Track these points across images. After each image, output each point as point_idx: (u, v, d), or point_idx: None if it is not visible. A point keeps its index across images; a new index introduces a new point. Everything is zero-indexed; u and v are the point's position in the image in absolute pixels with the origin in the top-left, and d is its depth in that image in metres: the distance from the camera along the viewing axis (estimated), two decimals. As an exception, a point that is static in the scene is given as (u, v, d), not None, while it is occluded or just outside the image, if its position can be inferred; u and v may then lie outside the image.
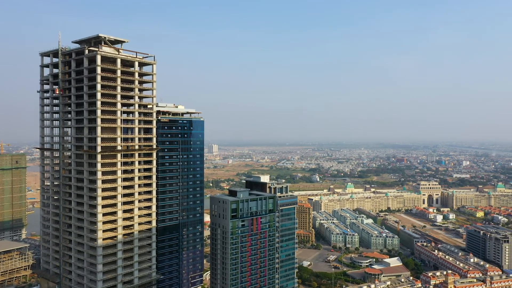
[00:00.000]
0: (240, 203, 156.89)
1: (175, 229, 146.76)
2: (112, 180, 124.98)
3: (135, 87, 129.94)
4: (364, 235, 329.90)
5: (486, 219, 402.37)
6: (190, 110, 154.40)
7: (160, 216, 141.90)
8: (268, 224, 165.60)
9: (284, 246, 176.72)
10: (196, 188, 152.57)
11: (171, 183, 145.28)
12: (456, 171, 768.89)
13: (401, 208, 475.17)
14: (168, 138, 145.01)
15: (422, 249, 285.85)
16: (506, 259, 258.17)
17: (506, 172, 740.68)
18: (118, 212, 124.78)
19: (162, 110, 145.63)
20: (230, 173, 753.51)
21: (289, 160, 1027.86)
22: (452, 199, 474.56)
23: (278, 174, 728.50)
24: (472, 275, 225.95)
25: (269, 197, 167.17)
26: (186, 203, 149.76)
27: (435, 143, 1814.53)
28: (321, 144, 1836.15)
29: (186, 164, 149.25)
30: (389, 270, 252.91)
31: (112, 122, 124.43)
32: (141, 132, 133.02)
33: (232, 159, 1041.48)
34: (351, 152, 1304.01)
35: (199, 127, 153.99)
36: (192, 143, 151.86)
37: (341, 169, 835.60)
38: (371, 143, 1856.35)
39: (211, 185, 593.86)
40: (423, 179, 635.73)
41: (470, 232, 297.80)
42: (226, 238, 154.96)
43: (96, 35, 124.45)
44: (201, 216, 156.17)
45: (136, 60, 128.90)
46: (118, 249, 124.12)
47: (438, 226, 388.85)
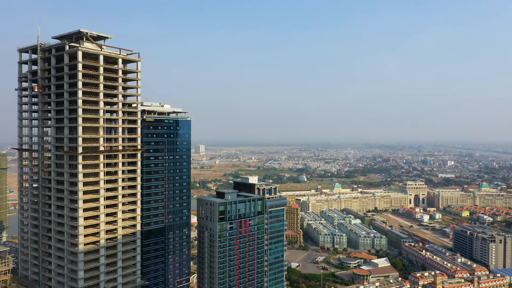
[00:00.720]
0: (228, 205, 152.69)
1: (160, 233, 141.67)
2: (94, 182, 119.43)
3: (119, 85, 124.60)
4: (352, 235, 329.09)
5: (471, 219, 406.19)
6: (177, 109, 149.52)
7: (145, 219, 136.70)
8: (256, 226, 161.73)
9: (273, 248, 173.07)
10: (183, 190, 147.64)
11: (157, 185, 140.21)
12: (441, 171, 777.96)
13: (388, 208, 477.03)
14: (154, 138, 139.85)
15: (410, 249, 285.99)
16: (493, 258, 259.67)
17: (489, 172, 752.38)
18: (101, 216, 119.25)
19: (147, 109, 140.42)
20: (217, 173, 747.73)
21: (276, 160, 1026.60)
22: (438, 199, 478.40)
23: (266, 174, 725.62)
24: (460, 275, 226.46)
25: (258, 199, 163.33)
26: (172, 206, 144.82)
27: (420, 143, 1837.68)
28: (308, 144, 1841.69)
29: (172, 165, 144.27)
30: (378, 271, 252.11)
31: (94, 121, 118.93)
32: (125, 132, 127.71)
33: (219, 159, 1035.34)
34: (338, 152, 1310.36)
35: (185, 127, 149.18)
36: (178, 143, 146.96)
37: (328, 169, 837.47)
38: (357, 143, 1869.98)
39: (198, 186, 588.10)
40: (409, 179, 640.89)
41: (457, 232, 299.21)
42: (213, 241, 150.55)
43: (77, 30, 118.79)
44: (188, 219, 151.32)
45: (119, 57, 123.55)
46: (100, 254, 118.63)
47: (425, 226, 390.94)
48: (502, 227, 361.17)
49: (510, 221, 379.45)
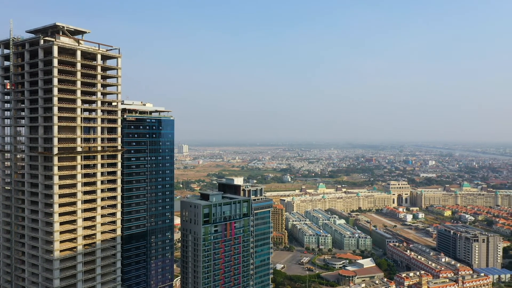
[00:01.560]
0: (213, 207, 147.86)
1: (142, 237, 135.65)
2: (71, 185, 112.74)
3: (98, 82, 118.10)
4: (337, 236, 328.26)
5: (453, 218, 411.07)
6: (159, 108, 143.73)
7: (126, 223, 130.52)
8: (242, 229, 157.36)
9: (259, 251, 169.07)
10: (166, 192, 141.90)
11: (138, 187, 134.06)
12: (423, 171, 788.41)
13: (372, 208, 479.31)
14: (135, 138, 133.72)
15: (395, 249, 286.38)
16: (476, 258, 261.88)
17: (469, 172, 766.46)
18: (78, 221, 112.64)
19: (128, 108, 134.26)
20: (201, 173, 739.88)
21: (260, 160, 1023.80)
22: (421, 199, 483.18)
23: (250, 175, 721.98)
24: (444, 275, 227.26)
25: (243, 201, 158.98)
26: (155, 209, 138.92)
27: (402, 143, 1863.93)
28: (291, 144, 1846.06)
29: (155, 166, 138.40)
30: (363, 272, 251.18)
31: (71, 120, 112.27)
32: (105, 131, 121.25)
33: (203, 159, 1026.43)
34: (321, 152, 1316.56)
35: (168, 127, 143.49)
36: (161, 143, 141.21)
37: (312, 169, 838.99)
38: (340, 143, 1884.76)
39: (181, 186, 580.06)
40: (391, 178, 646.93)
41: (441, 232, 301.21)
42: (198, 245, 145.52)
43: (53, 24, 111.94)
44: (171, 222, 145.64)
45: (98, 52, 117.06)
46: (77, 261, 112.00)
47: (408, 226, 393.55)
48: (483, 226, 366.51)
49: (490, 220, 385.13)
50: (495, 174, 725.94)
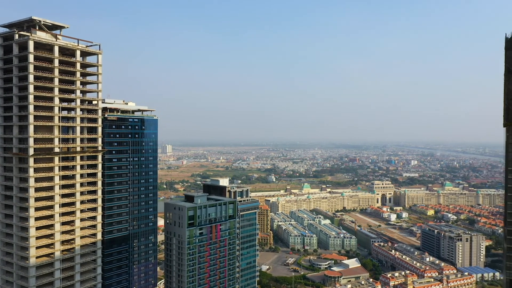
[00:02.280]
0: (198, 210, 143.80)
1: (124, 241, 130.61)
2: (48, 187, 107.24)
3: (77, 80, 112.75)
4: (322, 236, 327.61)
5: (436, 217, 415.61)
6: (142, 107, 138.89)
7: (107, 227, 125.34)
8: (228, 232, 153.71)
9: (245, 253, 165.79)
10: (149, 195, 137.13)
11: (120, 189, 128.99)
12: (406, 170, 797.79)
13: (356, 208, 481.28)
14: (117, 138, 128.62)
15: (379, 249, 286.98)
16: (460, 257, 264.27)
17: (451, 171, 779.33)
18: (56, 225, 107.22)
19: (110, 106, 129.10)
20: (185, 174, 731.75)
21: (245, 161, 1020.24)
22: (404, 198, 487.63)
23: (234, 175, 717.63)
24: (429, 275, 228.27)
25: (229, 202, 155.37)
26: (137, 211, 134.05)
27: (384, 143, 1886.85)
28: (276, 144, 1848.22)
29: (137, 167, 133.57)
30: (349, 272, 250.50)
31: (48, 119, 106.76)
32: (84, 131, 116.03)
33: (187, 159, 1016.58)
34: (305, 152, 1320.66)
35: (152, 126, 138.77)
36: (144, 144, 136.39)
37: (296, 169, 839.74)
38: (324, 143, 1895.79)
39: (164, 187, 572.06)
40: (375, 178, 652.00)
41: (425, 231, 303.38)
42: (182, 248, 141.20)
43: (29, 18, 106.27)
44: (154, 225, 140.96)
45: (77, 48, 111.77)
46: (55, 268, 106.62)
47: (393, 225, 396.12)
48: (465, 225, 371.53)
49: (472, 219, 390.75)
50: (475, 174, 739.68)
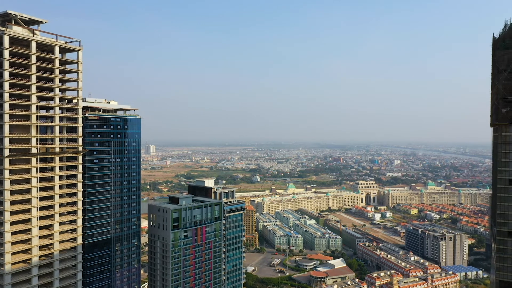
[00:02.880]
0: (183, 211, 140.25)
1: (106, 245, 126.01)
2: (24, 190, 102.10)
3: (55, 77, 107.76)
4: (308, 236, 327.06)
5: (420, 216, 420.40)
6: (125, 106, 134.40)
7: (88, 230, 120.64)
8: (213, 234, 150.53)
9: (231, 256, 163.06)
10: (132, 196, 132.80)
11: (102, 191, 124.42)
12: (389, 170, 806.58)
13: (341, 208, 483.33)
14: (98, 138, 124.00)
15: (365, 249, 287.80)
16: (443, 256, 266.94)
17: (433, 170, 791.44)
18: (33, 230, 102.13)
19: (91, 106, 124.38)
20: (169, 174, 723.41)
21: (229, 161, 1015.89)
22: (388, 198, 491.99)
23: (219, 175, 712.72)
24: (414, 274, 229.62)
25: (215, 204, 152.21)
26: (120, 214, 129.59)
27: (368, 143, 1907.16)
28: (260, 144, 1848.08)
29: (120, 168, 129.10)
30: (334, 272, 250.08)
31: (24, 119, 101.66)
32: (64, 131, 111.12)
33: (171, 159, 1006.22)
34: (290, 152, 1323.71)
35: (135, 126, 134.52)
36: (127, 144, 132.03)
37: (281, 169, 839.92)
38: (308, 143, 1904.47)
39: (148, 188, 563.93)
40: (359, 178, 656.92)
41: (409, 231, 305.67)
42: (166, 251, 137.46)
43: (4, 12, 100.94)
44: (137, 228, 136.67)
45: (56, 44, 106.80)
46: (32, 274, 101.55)
47: (377, 225, 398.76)
48: (448, 224, 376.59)
49: (455, 218, 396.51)
50: (457, 173, 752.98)
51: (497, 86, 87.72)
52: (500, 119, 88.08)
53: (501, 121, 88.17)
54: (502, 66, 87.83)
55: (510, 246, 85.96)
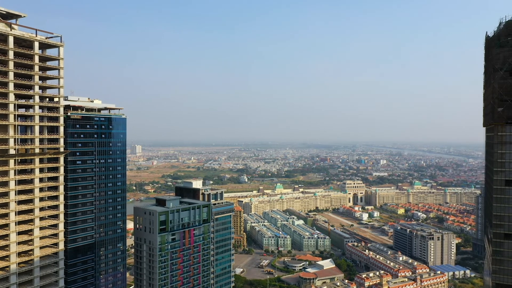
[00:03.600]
0: (170, 214, 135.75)
1: (90, 250, 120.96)
2: (2, 193, 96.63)
3: (35, 74, 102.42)
4: (296, 237, 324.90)
5: (407, 216, 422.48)
6: (109, 105, 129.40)
7: (71, 235, 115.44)
8: (202, 236, 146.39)
9: (220, 258, 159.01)
10: (117, 199, 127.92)
11: (85, 193, 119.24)
12: (375, 170, 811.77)
13: (328, 208, 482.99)
14: (81, 139, 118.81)
15: (353, 249, 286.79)
16: (431, 255, 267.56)
17: (418, 170, 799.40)
18: (11, 235, 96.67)
19: (73, 104, 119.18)
20: (155, 175, 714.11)
21: (216, 161, 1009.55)
22: (375, 197, 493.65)
23: (206, 175, 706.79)
24: (403, 274, 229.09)
25: (203, 206, 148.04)
26: (104, 217, 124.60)
27: (354, 143, 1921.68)
28: (247, 144, 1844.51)
29: (104, 170, 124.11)
30: (323, 273, 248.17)
31: (2, 118, 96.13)
32: (44, 131, 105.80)
33: (157, 160, 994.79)
34: (277, 152, 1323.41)
35: (120, 126, 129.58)
36: (111, 144, 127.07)
37: (268, 169, 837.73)
38: (295, 143, 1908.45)
39: (134, 188, 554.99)
40: (346, 178, 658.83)
41: (397, 231, 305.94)
42: (153, 255, 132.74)
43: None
44: (123, 232, 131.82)
45: (36, 40, 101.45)
46: (11, 282, 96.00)
47: (365, 224, 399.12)
48: (435, 223, 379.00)
49: (441, 217, 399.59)
50: (442, 172, 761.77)
51: (492, 85, 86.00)
52: (496, 118, 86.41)
53: (497, 121, 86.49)
54: (497, 65, 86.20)
55: (507, 248, 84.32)
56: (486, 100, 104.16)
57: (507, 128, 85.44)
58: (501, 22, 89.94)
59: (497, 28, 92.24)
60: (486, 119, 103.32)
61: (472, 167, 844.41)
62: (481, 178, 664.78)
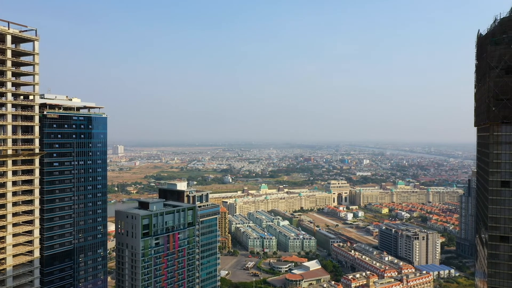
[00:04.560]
0: (154, 218, 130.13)
1: (68, 257, 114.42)
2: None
3: (8, 70, 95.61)
4: (282, 237, 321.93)
5: (391, 215, 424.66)
6: (89, 104, 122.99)
7: (48, 241, 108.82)
8: (187, 240, 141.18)
9: (205, 263, 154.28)
10: (97, 202, 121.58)
11: (63, 197, 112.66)
12: (359, 169, 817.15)
13: (313, 208, 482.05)
14: (58, 139, 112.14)
15: (339, 249, 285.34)
16: (417, 255, 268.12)
17: (400, 170, 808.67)
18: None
19: (50, 103, 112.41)
20: (138, 175, 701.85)
21: (200, 161, 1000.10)
22: (360, 197, 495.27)
23: (189, 176, 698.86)
24: (389, 275, 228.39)
25: (188, 208, 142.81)
26: (84, 222, 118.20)
27: (337, 142, 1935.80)
28: (231, 144, 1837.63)
29: (83, 172, 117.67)
30: (310, 275, 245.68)
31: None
32: (18, 131, 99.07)
33: (140, 160, 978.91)
34: (261, 152, 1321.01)
35: (100, 126, 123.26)
36: (91, 145, 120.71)
37: (252, 169, 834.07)
38: (279, 143, 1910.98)
39: (116, 190, 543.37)
40: (330, 177, 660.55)
41: (382, 231, 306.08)
42: (136, 261, 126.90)
43: None
44: (103, 237, 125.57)
45: (8, 33, 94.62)
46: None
47: (349, 224, 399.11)
48: (418, 223, 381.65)
49: (425, 216, 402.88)
50: (424, 172, 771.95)
51: (488, 84, 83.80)
52: (491, 118, 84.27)
53: (492, 120, 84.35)
54: (493, 63, 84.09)
55: (503, 251, 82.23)
56: (478, 99, 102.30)
57: (503, 128, 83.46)
58: (496, 19, 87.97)
59: (491, 25, 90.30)
60: (479, 119, 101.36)
61: (453, 166, 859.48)
62: (462, 177, 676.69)
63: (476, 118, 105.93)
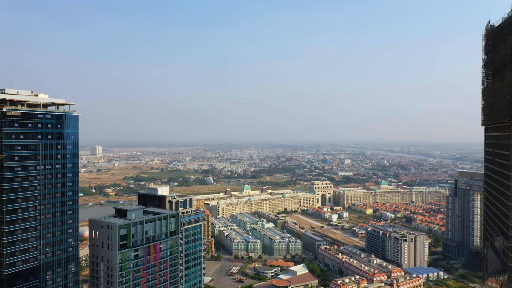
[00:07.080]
0: (132, 227, 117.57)
1: (33, 274, 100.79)
2: None
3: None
4: (267, 241, 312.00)
5: (375, 216, 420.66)
6: (57, 100, 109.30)
7: (8, 258, 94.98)
8: (169, 251, 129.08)
9: (189, 274, 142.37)
10: (67, 212, 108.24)
11: (26, 207, 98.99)
12: (340, 169, 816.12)
13: (297, 209, 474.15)
14: (21, 140, 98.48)
15: (326, 253, 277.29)
16: (405, 257, 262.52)
17: (382, 169, 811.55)
18: None
19: (10, 98, 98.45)
20: (117, 177, 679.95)
21: (181, 162, 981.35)
22: (344, 198, 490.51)
23: (170, 177, 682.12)
24: (378, 279, 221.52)
25: (171, 216, 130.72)
26: (51, 234, 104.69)
27: (317, 142, 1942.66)
28: (212, 144, 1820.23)
29: (51, 178, 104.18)
30: (297, 280, 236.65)
31: None
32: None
33: (119, 161, 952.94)
34: (243, 152, 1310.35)
35: (71, 125, 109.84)
36: (60, 147, 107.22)
37: (234, 170, 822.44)
38: (260, 143, 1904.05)
39: (94, 192, 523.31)
40: (312, 178, 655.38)
41: (369, 232, 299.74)
42: (112, 276, 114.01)
43: None
44: (75, 250, 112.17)
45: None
46: None
47: (335, 226, 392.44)
48: (403, 223, 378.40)
49: (409, 216, 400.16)
50: (404, 172, 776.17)
51: (509, 77, 75.14)
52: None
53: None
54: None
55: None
56: (489, 96, 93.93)
57: (526, 126, 74.95)
58: (514, 8, 79.61)
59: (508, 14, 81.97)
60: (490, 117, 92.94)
61: (432, 166, 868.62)
62: (443, 176, 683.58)
63: (486, 117, 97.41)
